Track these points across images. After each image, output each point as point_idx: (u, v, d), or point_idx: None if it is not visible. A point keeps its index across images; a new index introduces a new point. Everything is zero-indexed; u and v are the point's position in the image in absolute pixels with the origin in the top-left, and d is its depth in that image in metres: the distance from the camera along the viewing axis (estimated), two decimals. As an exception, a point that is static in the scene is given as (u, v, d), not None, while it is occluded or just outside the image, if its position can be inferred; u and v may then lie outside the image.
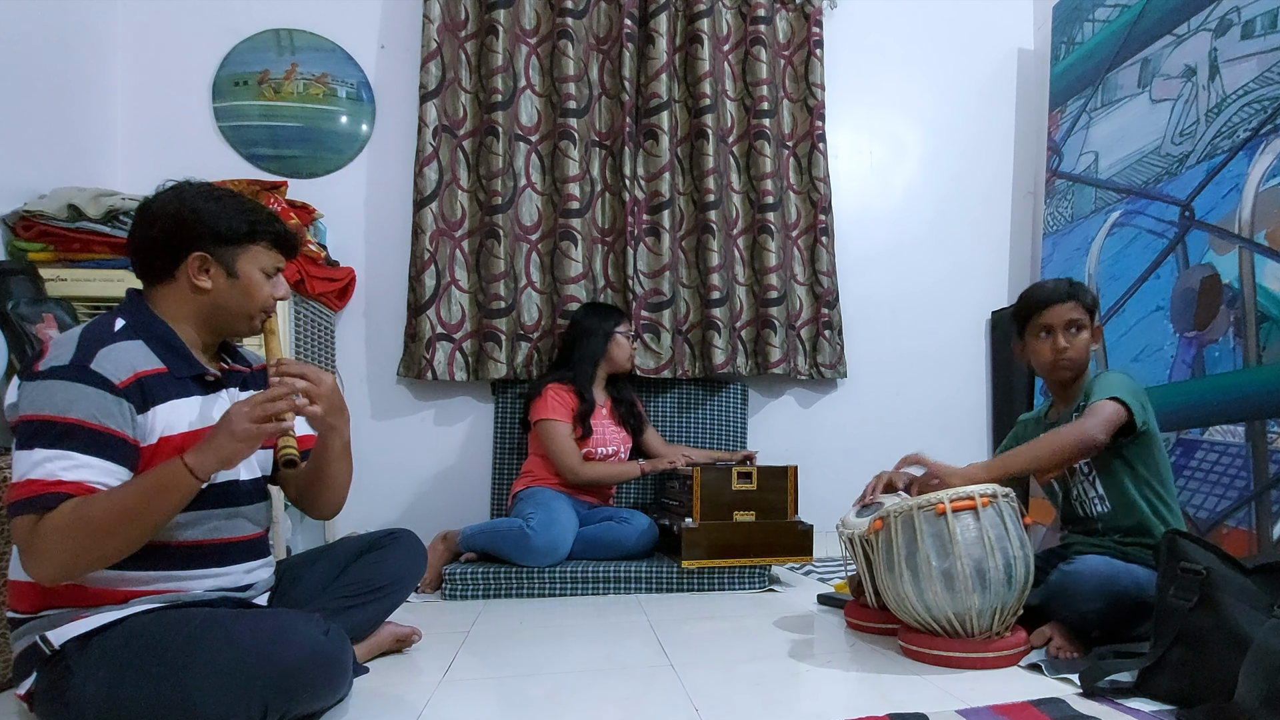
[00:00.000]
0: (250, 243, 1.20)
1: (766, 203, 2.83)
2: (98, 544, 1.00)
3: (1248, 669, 1.05)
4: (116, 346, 1.08)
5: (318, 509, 1.35)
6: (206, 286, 1.17)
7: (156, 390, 1.11)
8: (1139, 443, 1.58)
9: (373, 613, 1.42)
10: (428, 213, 2.60)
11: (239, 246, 1.19)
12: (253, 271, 1.21)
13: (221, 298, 1.19)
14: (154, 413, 1.10)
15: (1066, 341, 1.65)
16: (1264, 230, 1.98)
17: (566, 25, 2.71)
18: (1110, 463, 1.61)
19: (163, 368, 1.13)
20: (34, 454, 1.00)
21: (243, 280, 1.20)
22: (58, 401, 1.01)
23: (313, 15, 2.68)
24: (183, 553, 1.14)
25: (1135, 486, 1.59)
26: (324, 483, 1.30)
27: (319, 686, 1.09)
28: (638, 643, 1.63)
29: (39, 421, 1.01)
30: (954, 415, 3.09)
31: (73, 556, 0.99)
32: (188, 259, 1.16)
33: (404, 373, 2.62)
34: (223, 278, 1.18)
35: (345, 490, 1.35)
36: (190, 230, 1.15)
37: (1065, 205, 2.82)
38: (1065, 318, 1.65)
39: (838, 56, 3.02)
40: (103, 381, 1.04)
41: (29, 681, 1.07)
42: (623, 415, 2.51)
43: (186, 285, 1.17)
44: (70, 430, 1.01)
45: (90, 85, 2.38)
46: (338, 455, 1.27)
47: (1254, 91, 2.09)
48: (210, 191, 1.19)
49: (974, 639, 1.43)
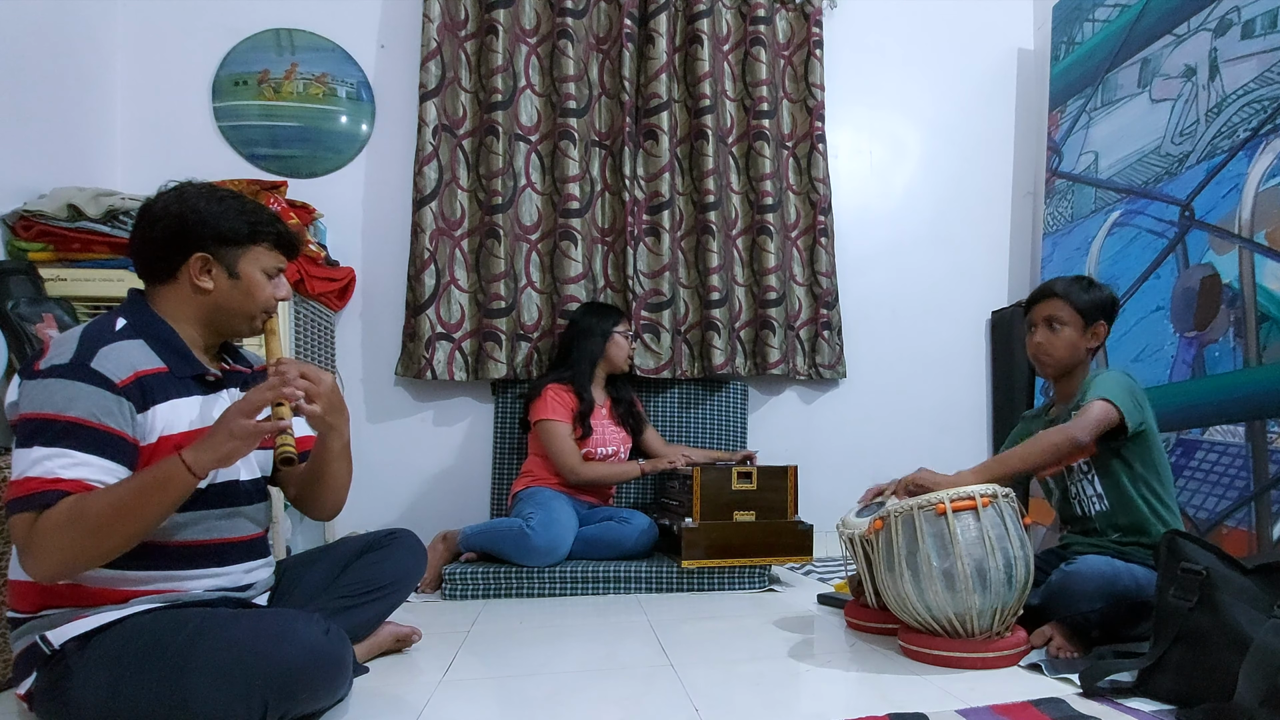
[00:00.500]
0: (252, 244, 1.20)
1: (766, 203, 2.83)
2: (95, 541, 0.99)
3: (1247, 669, 1.05)
4: (117, 345, 1.09)
5: (317, 509, 1.35)
6: (208, 287, 1.18)
7: (156, 389, 1.11)
8: (1137, 441, 1.59)
9: (373, 613, 1.42)
10: (427, 212, 2.60)
11: (241, 247, 1.19)
12: (254, 272, 1.21)
13: (223, 298, 1.19)
14: (154, 412, 1.10)
15: (1042, 337, 1.71)
16: (1264, 230, 1.98)
17: (566, 25, 2.71)
18: (1108, 462, 1.61)
19: (163, 367, 1.13)
20: (33, 452, 1.00)
21: (244, 281, 1.20)
22: (57, 400, 1.01)
23: (312, 15, 2.68)
24: (182, 552, 1.14)
25: (1133, 485, 1.60)
26: (324, 483, 1.30)
27: (319, 686, 1.09)
28: (637, 642, 1.63)
29: (39, 420, 1.01)
30: (954, 415, 3.09)
31: (70, 554, 0.99)
32: (189, 260, 1.16)
33: (403, 372, 2.62)
34: (224, 278, 1.19)
35: (345, 491, 1.35)
36: (192, 231, 1.15)
37: (1065, 205, 2.82)
38: (1044, 314, 1.71)
39: (837, 57, 3.02)
40: (103, 380, 1.04)
41: (29, 681, 1.07)
42: (622, 415, 2.51)
43: (188, 286, 1.18)
44: (70, 429, 1.01)
45: (90, 85, 2.38)
46: (337, 455, 1.27)
47: (1254, 91, 2.09)
48: (212, 192, 1.20)
49: (974, 639, 1.43)
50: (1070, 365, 1.71)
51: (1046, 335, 1.70)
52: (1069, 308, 1.68)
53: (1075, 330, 1.69)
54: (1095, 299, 1.70)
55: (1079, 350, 1.70)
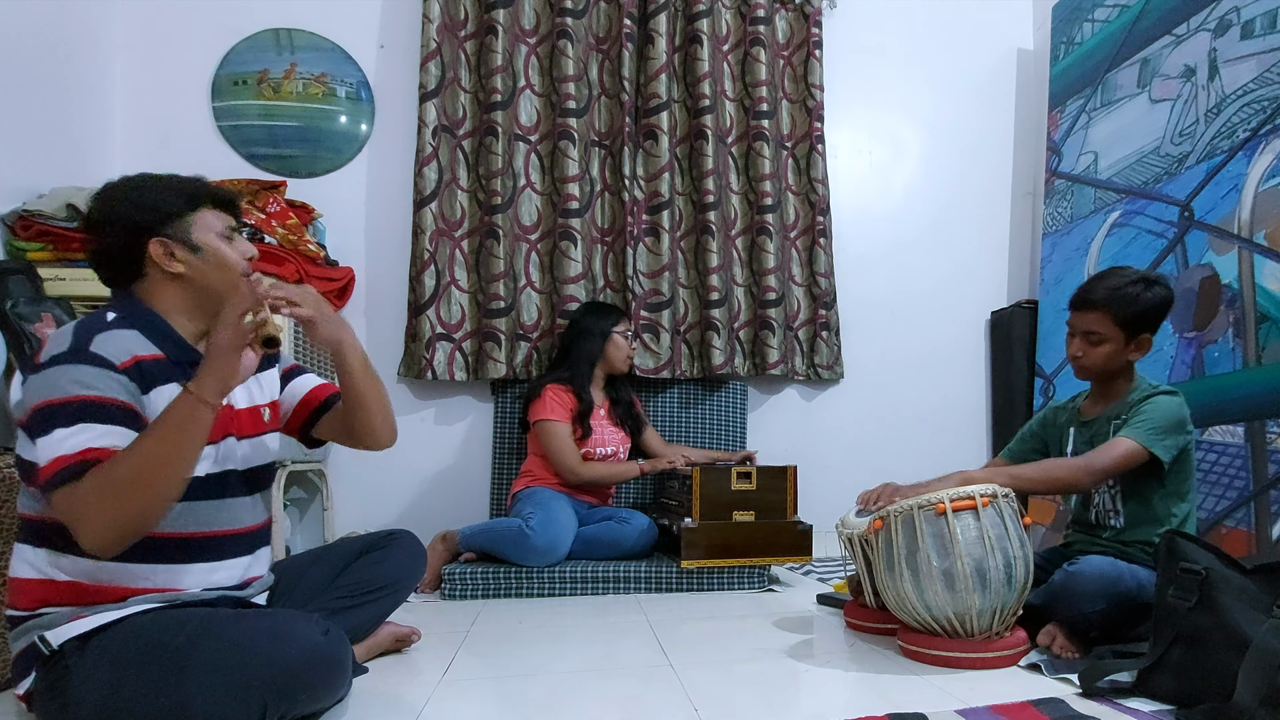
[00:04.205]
0: (193, 211, 1.18)
1: (765, 204, 2.83)
2: (135, 495, 0.98)
3: (1247, 669, 1.05)
4: (112, 334, 1.09)
5: (372, 435, 1.34)
6: (179, 270, 1.16)
7: (156, 374, 1.11)
8: (1172, 468, 1.54)
9: (372, 613, 1.42)
10: (427, 212, 2.60)
11: (186, 218, 1.17)
12: (211, 238, 1.19)
13: (197, 274, 1.18)
14: (157, 393, 1.10)
15: (1080, 349, 1.62)
16: (1263, 230, 1.98)
17: (566, 25, 2.71)
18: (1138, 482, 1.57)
19: (160, 354, 1.13)
20: (54, 435, 0.99)
21: (208, 250, 1.18)
22: (65, 385, 1.01)
23: (312, 15, 2.68)
24: (177, 545, 1.13)
25: (1157, 502, 1.57)
26: (362, 406, 1.30)
27: (318, 687, 1.08)
28: (637, 642, 1.63)
29: (51, 406, 1.01)
30: (953, 415, 3.09)
31: (116, 516, 0.98)
32: (149, 250, 1.15)
33: (404, 373, 2.62)
34: (189, 255, 1.17)
35: (388, 409, 1.35)
36: (137, 222, 1.14)
37: (1065, 205, 2.82)
38: (1084, 327, 1.60)
39: (837, 57, 3.02)
40: (104, 361, 1.04)
41: (28, 681, 1.06)
42: (621, 415, 2.51)
43: (161, 276, 1.17)
44: (84, 406, 1.01)
45: (90, 85, 2.38)
46: (361, 372, 1.27)
47: (1253, 92, 2.09)
48: (136, 180, 1.19)
49: (974, 639, 1.43)
50: (1109, 374, 1.63)
51: (1084, 348, 1.60)
52: (1109, 322, 1.56)
53: (1115, 345, 1.58)
54: (1141, 309, 1.56)
55: (1118, 361, 1.60)
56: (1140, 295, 1.56)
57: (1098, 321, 1.58)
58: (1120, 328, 1.57)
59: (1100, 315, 1.57)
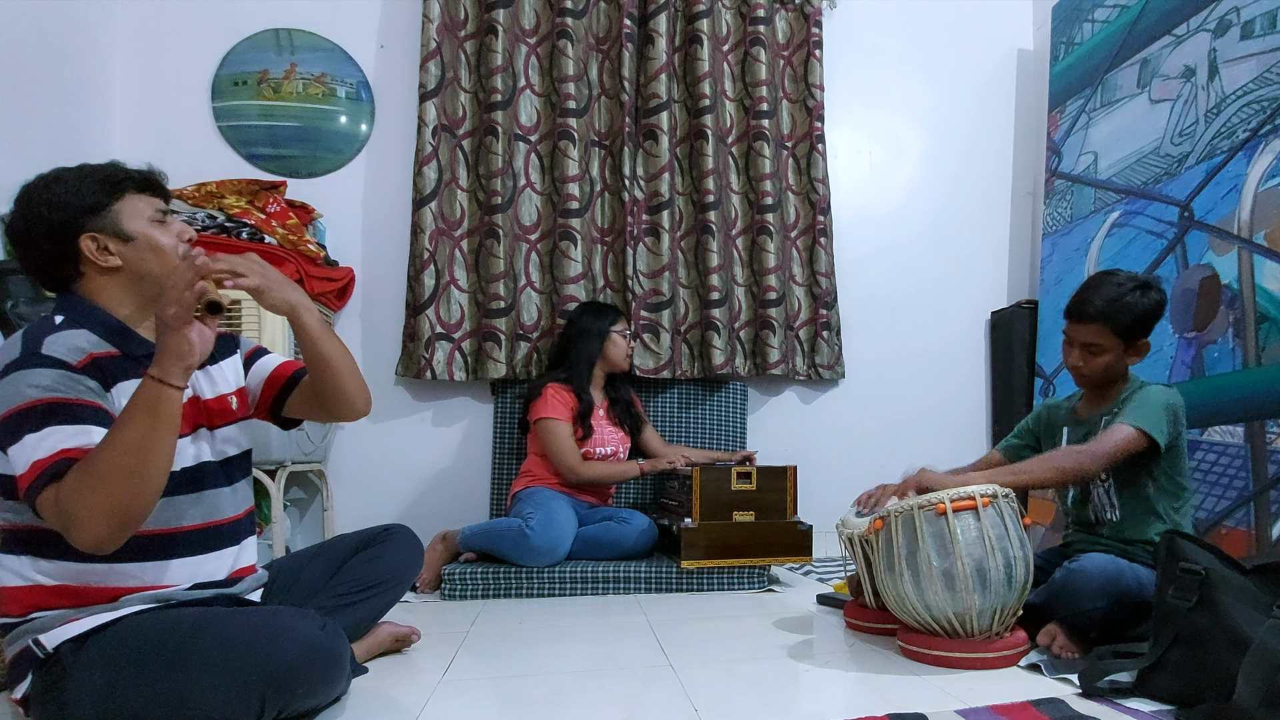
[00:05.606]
0: (117, 199, 1.15)
1: (765, 203, 2.83)
2: (123, 483, 0.96)
3: (1247, 669, 1.05)
4: (62, 335, 1.06)
5: (345, 399, 1.29)
6: (116, 263, 1.13)
7: (115, 370, 1.09)
8: (1165, 457, 1.56)
9: (370, 609, 1.42)
10: (427, 212, 2.60)
11: (111, 208, 1.14)
12: (141, 225, 1.15)
13: (135, 264, 1.14)
14: (118, 390, 1.08)
15: (1080, 360, 1.63)
16: (1263, 231, 1.98)
17: (566, 25, 2.71)
18: (1133, 475, 1.58)
19: (115, 350, 1.11)
20: (25, 441, 0.98)
21: (140, 238, 1.15)
22: (24, 390, 1.00)
23: (312, 15, 2.68)
24: (162, 540, 1.13)
25: (1153, 499, 1.57)
26: (327, 367, 1.25)
27: (316, 683, 1.08)
28: (637, 643, 1.63)
29: (16, 413, 0.99)
30: (953, 415, 3.09)
31: (109, 505, 0.96)
32: (80, 248, 1.12)
33: (403, 372, 2.62)
34: (122, 246, 1.13)
35: (356, 370, 1.30)
36: (59, 222, 1.11)
37: (1065, 205, 2.82)
38: (1083, 339, 1.61)
39: (837, 57, 3.02)
40: (59, 363, 1.03)
41: (24, 685, 1.06)
42: (620, 415, 2.50)
43: (98, 273, 1.14)
44: (51, 408, 1.00)
45: (90, 85, 2.38)
46: (321, 335, 1.23)
47: (1253, 92, 2.09)
48: (51, 178, 1.14)
49: (974, 639, 1.42)
50: (1108, 380, 1.65)
51: (1084, 358, 1.62)
52: (1108, 332, 1.58)
53: (1114, 354, 1.60)
54: (1137, 317, 1.57)
55: (1118, 369, 1.63)
56: (1137, 303, 1.57)
57: (1097, 334, 1.59)
58: (1118, 336, 1.58)
59: (1099, 327, 1.58)
